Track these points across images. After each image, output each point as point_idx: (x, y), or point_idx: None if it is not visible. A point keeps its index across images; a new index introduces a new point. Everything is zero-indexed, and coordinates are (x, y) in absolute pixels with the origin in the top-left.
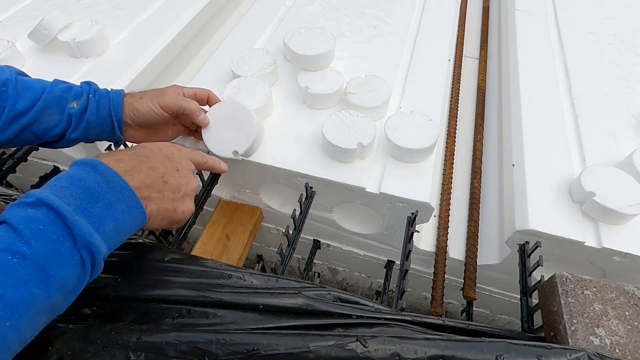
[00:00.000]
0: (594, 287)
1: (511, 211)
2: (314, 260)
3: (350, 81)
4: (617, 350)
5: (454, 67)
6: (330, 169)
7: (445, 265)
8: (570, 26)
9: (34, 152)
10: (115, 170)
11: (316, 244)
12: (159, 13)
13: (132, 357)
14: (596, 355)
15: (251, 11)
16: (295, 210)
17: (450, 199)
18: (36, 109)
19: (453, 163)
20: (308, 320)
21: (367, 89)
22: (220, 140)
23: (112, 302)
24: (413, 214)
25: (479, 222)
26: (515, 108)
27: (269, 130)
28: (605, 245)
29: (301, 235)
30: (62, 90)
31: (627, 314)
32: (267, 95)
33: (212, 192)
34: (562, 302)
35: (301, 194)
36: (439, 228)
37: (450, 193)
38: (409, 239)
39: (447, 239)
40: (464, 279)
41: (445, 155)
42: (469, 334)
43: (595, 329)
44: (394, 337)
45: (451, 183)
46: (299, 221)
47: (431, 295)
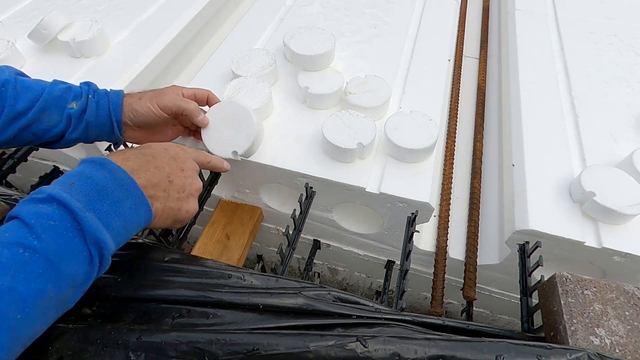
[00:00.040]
0: (594, 287)
1: (511, 211)
2: (314, 260)
3: (350, 81)
4: (617, 350)
5: (454, 67)
6: (330, 169)
7: (445, 265)
8: (570, 26)
9: (34, 152)
10: (123, 169)
11: (316, 244)
12: (159, 13)
13: (132, 357)
14: (596, 355)
15: (251, 11)
16: (295, 210)
17: (450, 199)
18: (35, 110)
19: (453, 163)
20: (308, 320)
21: (367, 89)
22: (220, 140)
23: (112, 302)
24: (413, 214)
25: (479, 222)
26: (515, 108)
27: (269, 130)
28: (605, 245)
29: (301, 235)
30: (62, 91)
31: (627, 314)
32: (267, 95)
33: (212, 192)
34: (562, 302)
35: (301, 194)
36: (439, 228)
37: (450, 193)
38: (409, 239)
39: (447, 239)
40: (464, 279)
41: (445, 155)
42: (469, 334)
43: (595, 329)
44: (394, 337)
45: (451, 183)
46: (299, 221)
47: (431, 295)
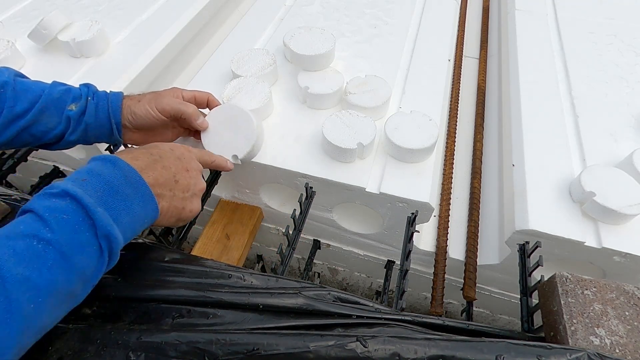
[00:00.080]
0: (594, 287)
1: (511, 211)
2: (314, 260)
3: (350, 81)
4: (617, 350)
5: (454, 67)
6: (330, 169)
7: (445, 265)
8: (570, 26)
9: (34, 152)
10: (133, 167)
11: (316, 244)
12: (159, 13)
13: (132, 357)
14: (596, 355)
15: (251, 11)
16: (295, 210)
17: (450, 199)
18: (34, 111)
19: (453, 163)
20: (308, 320)
21: (367, 89)
22: (220, 144)
23: (112, 302)
24: (413, 214)
25: (479, 222)
26: (515, 108)
27: (269, 130)
28: (605, 245)
29: (301, 235)
30: (61, 93)
31: (627, 314)
32: (267, 95)
33: (212, 192)
34: (562, 302)
35: (301, 194)
36: (439, 228)
37: (450, 193)
38: (409, 239)
39: (447, 239)
40: (464, 279)
41: (445, 155)
42: (469, 334)
43: (595, 329)
44: (394, 337)
45: (451, 183)
46: (299, 221)
47: (431, 295)
